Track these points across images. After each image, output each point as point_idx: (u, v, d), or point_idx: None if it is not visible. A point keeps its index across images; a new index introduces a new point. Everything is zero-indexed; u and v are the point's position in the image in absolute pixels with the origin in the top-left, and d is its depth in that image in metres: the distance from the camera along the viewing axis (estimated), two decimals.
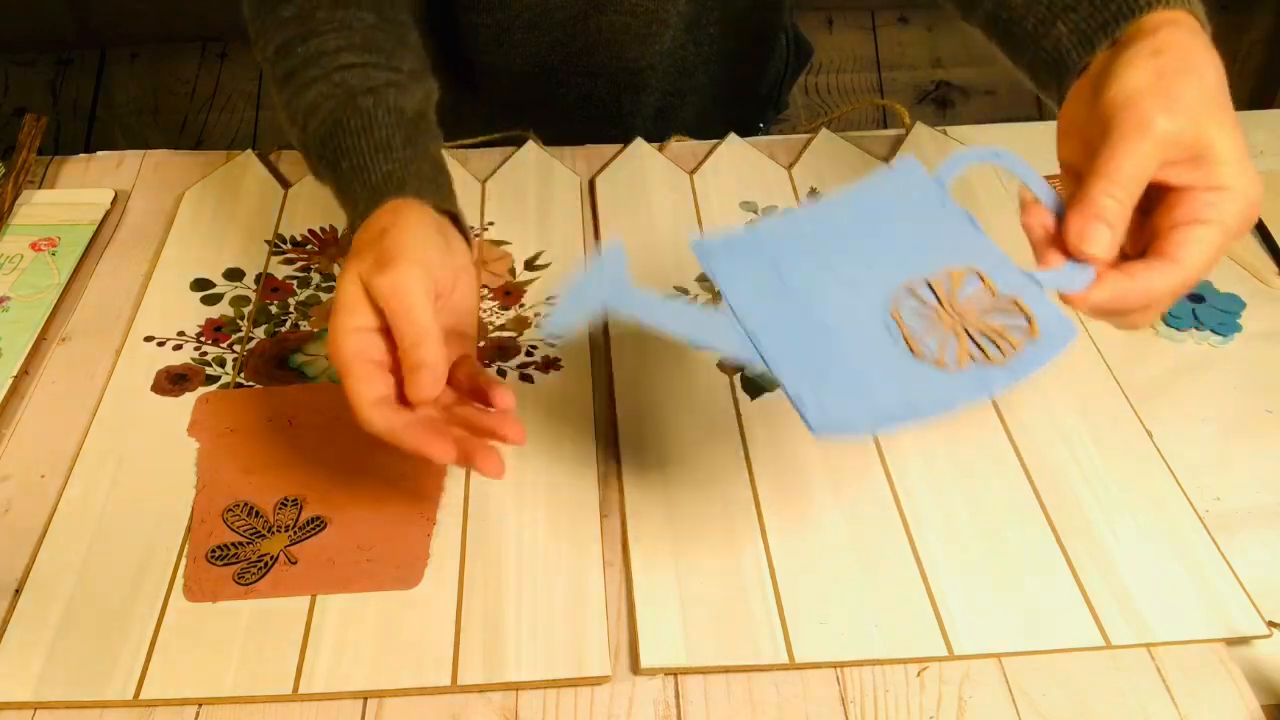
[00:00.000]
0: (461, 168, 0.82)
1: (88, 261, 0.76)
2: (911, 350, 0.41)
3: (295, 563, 0.55)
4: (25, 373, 0.67)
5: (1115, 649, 0.52)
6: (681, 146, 0.86)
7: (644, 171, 0.83)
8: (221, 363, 0.67)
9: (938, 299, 0.42)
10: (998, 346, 0.41)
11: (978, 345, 0.41)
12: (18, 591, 0.54)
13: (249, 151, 0.85)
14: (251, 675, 0.50)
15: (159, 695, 0.50)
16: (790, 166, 0.84)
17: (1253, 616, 0.53)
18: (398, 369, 0.49)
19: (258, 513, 0.58)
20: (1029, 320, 0.42)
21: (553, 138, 0.85)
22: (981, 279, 0.43)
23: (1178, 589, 0.54)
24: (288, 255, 0.76)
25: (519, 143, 0.85)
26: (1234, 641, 0.52)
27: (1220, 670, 0.51)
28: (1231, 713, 0.49)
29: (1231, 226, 0.45)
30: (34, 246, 0.76)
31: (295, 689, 0.50)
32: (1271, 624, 0.52)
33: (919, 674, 0.51)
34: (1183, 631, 0.52)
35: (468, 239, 0.56)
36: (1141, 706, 0.50)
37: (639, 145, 0.85)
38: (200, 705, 0.50)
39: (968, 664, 0.51)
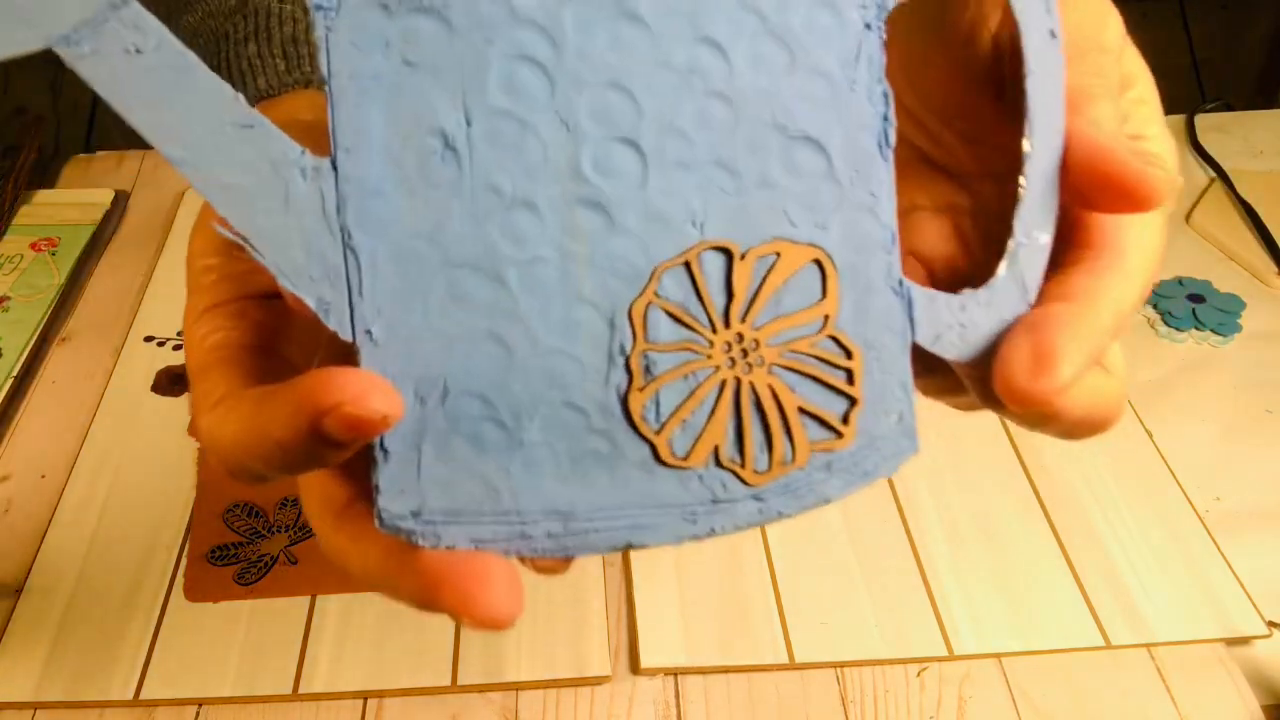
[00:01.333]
0: None
1: (88, 261, 0.76)
2: (628, 399, 0.22)
3: (295, 563, 0.55)
4: (25, 373, 0.67)
5: (1115, 649, 0.52)
6: None
7: None
8: None
9: (729, 293, 0.22)
10: (769, 445, 0.23)
11: (740, 425, 0.23)
12: (18, 591, 0.54)
13: None
14: (251, 675, 0.50)
15: (159, 695, 0.50)
16: None
17: (1253, 616, 0.53)
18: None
19: (258, 513, 0.58)
20: (850, 407, 0.23)
21: None
22: (824, 278, 0.23)
23: (1178, 589, 0.54)
24: None
25: None
26: (1234, 641, 0.52)
27: (1220, 670, 0.51)
28: (1231, 713, 0.49)
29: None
30: (34, 246, 0.76)
31: (295, 689, 0.50)
32: (1271, 624, 0.52)
33: (919, 674, 0.51)
34: (1183, 631, 0.52)
35: None
36: (1141, 706, 0.50)
37: None
38: (200, 705, 0.50)
39: (968, 664, 0.51)
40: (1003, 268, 0.24)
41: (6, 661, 0.51)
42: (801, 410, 0.23)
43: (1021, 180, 0.24)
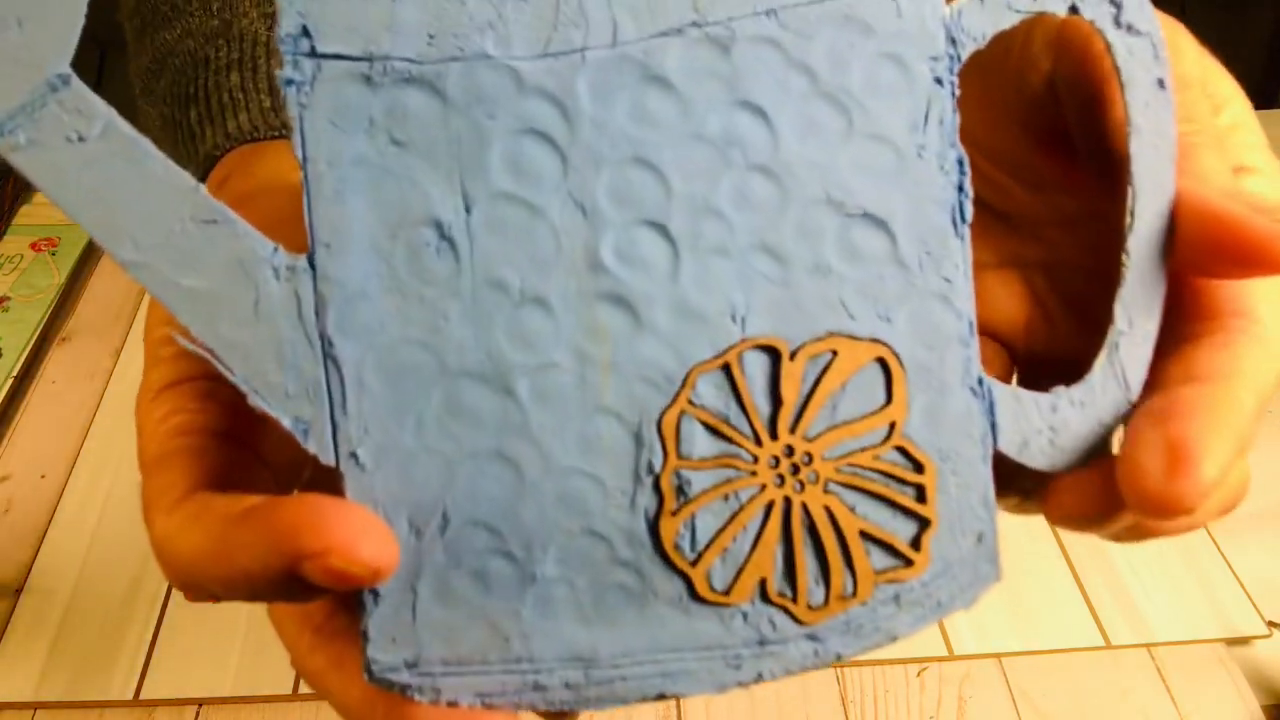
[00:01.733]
0: None
1: (88, 261, 0.76)
2: (659, 525, 0.19)
3: None
4: (25, 373, 0.67)
5: (1115, 649, 0.52)
6: None
7: None
8: None
9: (776, 399, 0.19)
10: (826, 576, 0.20)
11: (791, 553, 0.20)
12: (18, 591, 0.54)
13: None
14: (251, 675, 0.50)
15: (159, 695, 0.50)
16: None
17: (1253, 616, 0.53)
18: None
19: None
20: (921, 529, 0.20)
21: None
22: (889, 379, 0.20)
23: (1178, 589, 0.54)
24: None
25: None
26: (1234, 641, 0.52)
27: (1220, 670, 0.51)
28: (1231, 713, 0.49)
29: None
30: (34, 246, 0.76)
31: (295, 689, 0.50)
32: (1271, 624, 0.52)
33: (919, 674, 0.51)
34: (1183, 631, 0.52)
35: None
36: (1141, 706, 0.50)
37: None
38: (200, 705, 0.50)
39: (968, 664, 0.51)
40: (1100, 361, 0.21)
41: (6, 661, 0.51)
42: (864, 534, 0.20)
43: (1123, 258, 0.21)
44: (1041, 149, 0.24)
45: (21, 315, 0.70)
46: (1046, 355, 0.25)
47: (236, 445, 0.21)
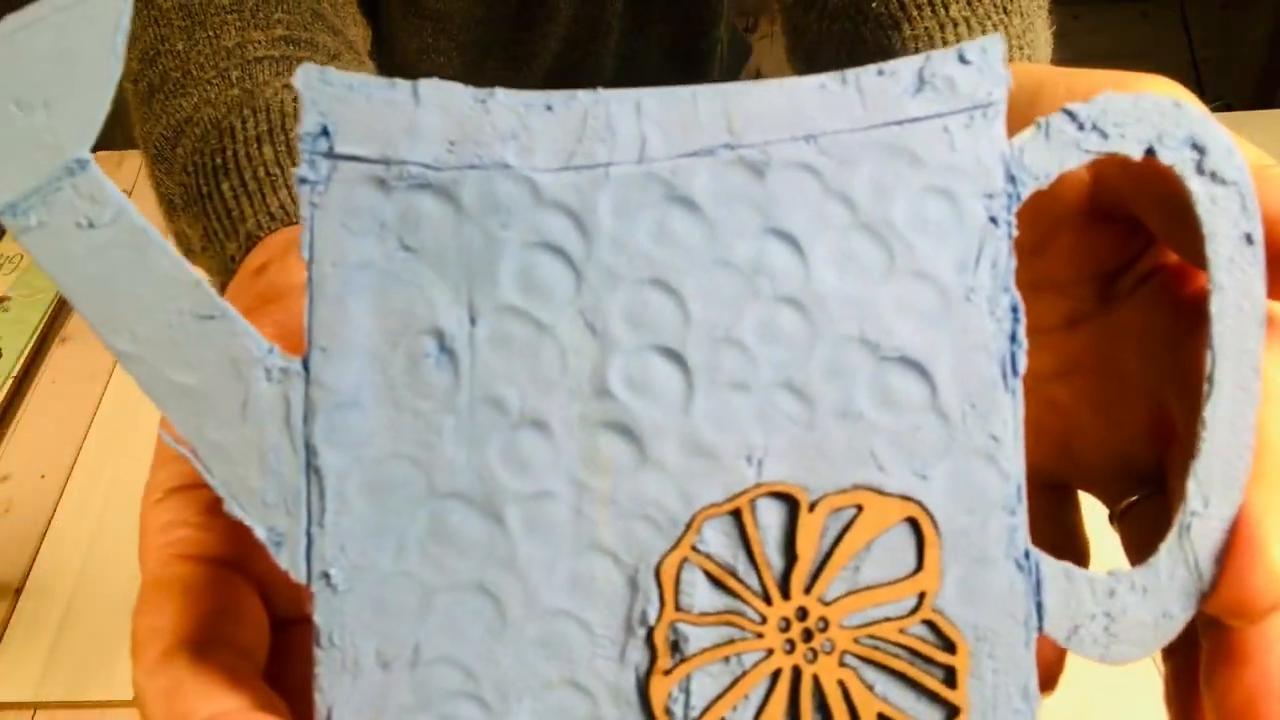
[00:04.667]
0: None
1: None
2: (649, 684, 0.18)
3: None
4: (25, 373, 0.67)
5: None
6: None
7: None
8: None
9: (791, 554, 0.18)
10: None
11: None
12: (18, 591, 0.54)
13: None
14: None
15: None
16: None
17: None
18: None
19: None
20: (949, 718, 0.18)
21: None
22: (921, 543, 0.18)
23: None
24: None
25: None
26: None
27: None
28: None
29: None
30: None
31: None
32: None
33: None
34: None
35: None
36: (1142, 707, 0.50)
37: None
38: None
39: None
40: (1168, 542, 0.19)
41: (6, 661, 0.51)
42: (882, 717, 0.18)
43: (1199, 429, 0.19)
44: (1071, 227, 0.22)
45: (21, 315, 0.70)
46: (1099, 471, 0.23)
47: (234, 576, 0.20)
